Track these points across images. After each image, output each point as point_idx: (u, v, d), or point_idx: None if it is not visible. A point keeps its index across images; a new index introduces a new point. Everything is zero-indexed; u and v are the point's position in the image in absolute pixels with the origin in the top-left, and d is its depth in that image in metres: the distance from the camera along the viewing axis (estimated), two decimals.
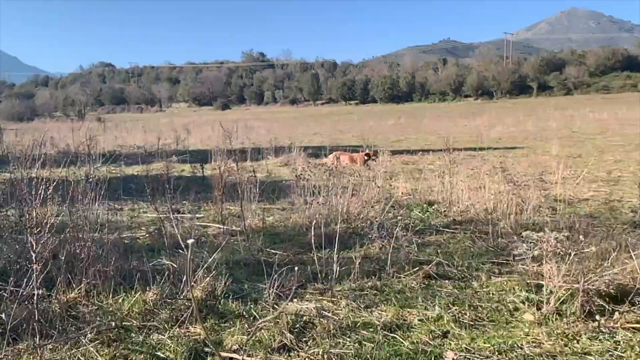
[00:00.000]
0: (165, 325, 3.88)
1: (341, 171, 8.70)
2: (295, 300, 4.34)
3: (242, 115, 70.82)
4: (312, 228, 5.29)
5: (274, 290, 4.32)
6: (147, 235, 6.62)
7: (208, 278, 4.42)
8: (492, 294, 4.38)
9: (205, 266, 4.51)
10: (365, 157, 13.15)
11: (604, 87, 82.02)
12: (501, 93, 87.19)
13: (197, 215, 7.71)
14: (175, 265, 4.53)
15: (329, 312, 4.09)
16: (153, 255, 5.44)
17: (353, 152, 15.33)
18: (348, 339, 3.65)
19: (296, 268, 5.04)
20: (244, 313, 4.07)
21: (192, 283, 4.35)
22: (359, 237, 6.21)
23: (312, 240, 5.14)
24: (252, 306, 4.19)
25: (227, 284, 4.51)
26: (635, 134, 21.11)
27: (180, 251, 5.11)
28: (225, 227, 6.83)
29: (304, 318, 3.98)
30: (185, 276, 4.37)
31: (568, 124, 28.48)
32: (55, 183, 4.32)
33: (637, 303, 3.84)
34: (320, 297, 4.40)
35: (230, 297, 4.35)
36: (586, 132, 23.04)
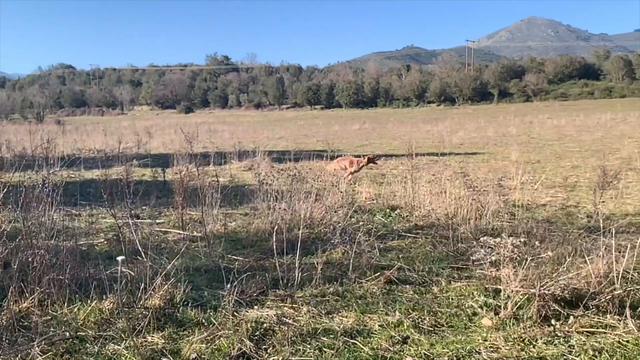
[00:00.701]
0: (122, 335, 3.78)
1: (304, 176, 8.65)
2: (255, 307, 4.30)
3: (205, 118, 70.13)
4: (274, 233, 5.26)
5: (234, 297, 4.26)
6: (104, 241, 6.47)
7: (167, 285, 4.33)
8: (452, 299, 4.43)
9: (164, 273, 4.42)
10: (366, 161, 12.60)
11: (562, 95, 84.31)
12: (463, 99, 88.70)
13: (158, 221, 7.58)
14: (132, 273, 4.42)
15: (289, 319, 4.06)
16: (111, 263, 5.31)
17: (318, 156, 15.36)
18: (308, 346, 3.63)
19: (257, 274, 5.04)
20: (203, 321, 4.00)
21: (150, 291, 4.27)
22: (322, 242, 6.19)
23: (274, 246, 5.11)
24: (211, 314, 4.13)
25: (187, 291, 4.43)
26: (592, 140, 21.77)
27: (139, 258, 5.02)
28: (185, 232, 6.73)
29: (264, 325, 3.94)
30: (143, 284, 4.28)
31: (527, 130, 29.16)
32: (8, 187, 4.18)
33: (591, 307, 3.92)
34: (282, 304, 4.36)
35: (190, 304, 4.28)
36: (545, 138, 23.63)
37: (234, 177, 12.75)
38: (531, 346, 3.49)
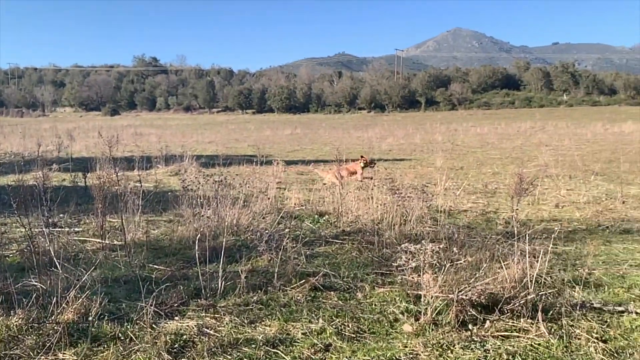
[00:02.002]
0: (31, 353, 3.57)
1: (230, 182, 8.54)
2: (176, 318, 4.18)
3: (132, 121, 68.12)
4: (197, 241, 5.14)
5: (153, 309, 4.11)
6: (16, 252, 6.11)
7: (81, 298, 4.13)
8: (375, 304, 4.47)
9: (78, 285, 4.21)
10: (363, 165, 12.04)
11: (485, 103, 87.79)
12: (392, 107, 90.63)
13: (76, 229, 7.25)
14: (44, 286, 4.19)
15: (211, 330, 3.97)
16: (22, 275, 5.01)
17: (248, 161, 15.25)
18: (229, 357, 3.55)
19: (179, 284, 4.90)
20: (120, 335, 3.83)
21: (64, 304, 4.05)
22: (248, 249, 6.12)
23: (197, 254, 4.99)
24: (128, 327, 3.96)
25: (103, 303, 4.24)
26: (512, 148, 22.77)
27: (55, 270, 4.77)
28: (105, 241, 6.47)
29: (184, 337, 3.83)
30: (55, 297, 4.07)
31: (452, 138, 30.15)
32: None
33: (506, 312, 4.06)
34: (203, 314, 4.26)
35: (106, 318, 4.09)
36: (468, 146, 24.49)
37: (160, 182, 12.40)
38: (449, 351, 3.57)
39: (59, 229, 7.04)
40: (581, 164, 15.55)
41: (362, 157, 12.41)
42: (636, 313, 4.13)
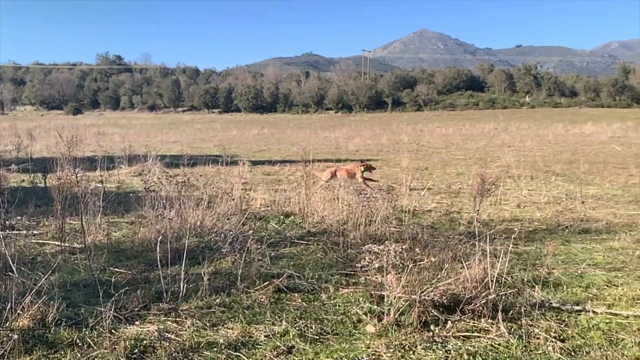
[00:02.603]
0: None
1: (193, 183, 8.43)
2: (136, 322, 4.09)
3: (95, 120, 66.82)
4: (159, 243, 5.05)
5: (113, 313, 4.02)
6: None
7: (38, 304, 4.00)
8: (339, 305, 4.47)
9: (35, 290, 4.09)
10: (363, 169, 11.50)
11: (450, 105, 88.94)
12: (360, 107, 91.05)
13: (34, 232, 7.04)
14: None
15: (172, 334, 3.90)
16: None
17: (214, 162, 15.08)
18: None
19: (140, 287, 4.81)
20: (78, 341, 3.73)
21: (19, 311, 3.93)
22: (212, 251, 6.05)
23: (159, 257, 4.91)
24: (87, 333, 3.86)
25: (61, 309, 4.13)
26: (476, 149, 23.13)
27: (10, 274, 4.63)
28: (64, 244, 6.30)
29: (144, 342, 3.75)
30: (10, 303, 3.94)
31: (418, 138, 30.46)
32: None
33: (467, 312, 4.11)
34: (165, 318, 4.19)
35: (64, 323, 3.98)
36: (433, 146, 24.78)
37: (123, 182, 12.19)
38: (411, 352, 3.59)
39: (16, 232, 6.84)
40: (542, 164, 15.90)
41: (361, 162, 12.38)
42: (593, 312, 4.23)
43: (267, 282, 4.90)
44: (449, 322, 3.98)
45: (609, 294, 4.73)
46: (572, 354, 3.55)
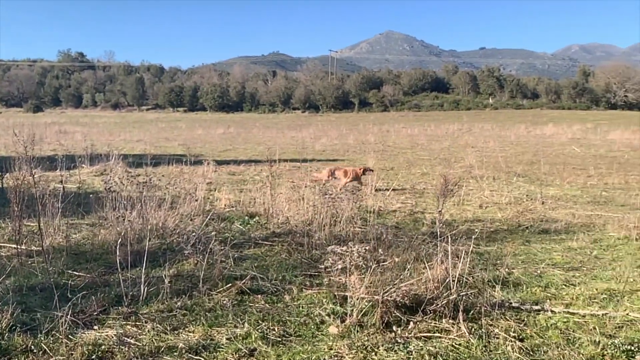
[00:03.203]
0: None
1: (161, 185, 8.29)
2: (95, 327, 3.99)
3: (56, 118, 65.13)
4: (120, 245, 4.95)
5: (70, 318, 3.92)
6: None
7: None
8: (302, 307, 4.45)
9: None
10: (361, 172, 11.88)
11: (416, 106, 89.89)
12: (327, 107, 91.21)
13: None
14: None
15: (131, 338, 3.82)
16: None
17: (178, 161, 14.88)
18: None
19: (100, 291, 4.70)
20: (32, 347, 3.62)
21: None
22: (174, 253, 5.96)
23: (119, 259, 4.80)
24: (42, 339, 3.74)
25: (15, 314, 4.00)
26: (440, 149, 23.42)
27: None
28: (21, 247, 6.10)
29: (103, 347, 3.66)
30: None
31: (384, 139, 30.68)
32: None
33: (429, 312, 4.14)
34: (124, 322, 4.10)
35: (18, 329, 3.86)
36: (399, 147, 24.99)
37: (84, 183, 11.91)
38: (373, 353, 3.60)
39: None
40: (505, 165, 16.18)
41: (361, 167, 12.39)
42: (551, 311, 4.31)
43: (230, 284, 4.85)
44: (411, 322, 4.01)
45: (567, 293, 4.84)
46: (531, 353, 3.61)
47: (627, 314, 4.23)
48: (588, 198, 10.48)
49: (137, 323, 4.08)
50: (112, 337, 3.80)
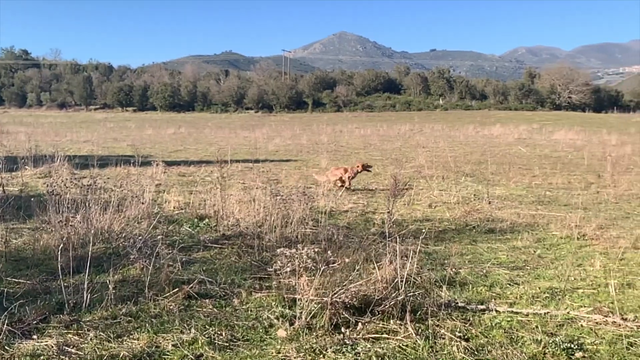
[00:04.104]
0: None
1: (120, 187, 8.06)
2: (34, 337, 3.84)
3: None
4: (63, 250, 4.78)
5: (8, 328, 3.75)
6: None
7: None
8: (251, 311, 4.41)
9: None
10: (359, 170, 12.02)
11: (369, 106, 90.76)
12: (280, 107, 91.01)
13: None
14: None
15: (73, 348, 3.69)
16: None
17: (126, 162, 14.53)
18: None
19: (40, 298, 4.53)
20: None
21: None
22: (119, 257, 5.80)
23: (62, 265, 4.64)
24: None
25: None
26: (392, 149, 23.71)
27: None
28: None
29: (42, 358, 3.53)
30: None
31: (337, 139, 30.82)
32: None
33: (378, 313, 4.16)
34: (66, 331, 3.95)
35: None
36: (352, 147, 25.16)
37: (27, 185, 11.47)
38: (321, 356, 3.59)
39: None
40: (454, 165, 16.52)
41: (358, 164, 12.41)
42: (496, 311, 4.41)
43: (177, 289, 4.76)
44: (360, 324, 4.03)
45: (511, 292, 4.96)
46: (476, 353, 3.68)
47: (568, 312, 4.38)
48: (533, 198, 10.81)
49: (79, 331, 3.95)
50: (52, 347, 3.67)
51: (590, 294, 4.90)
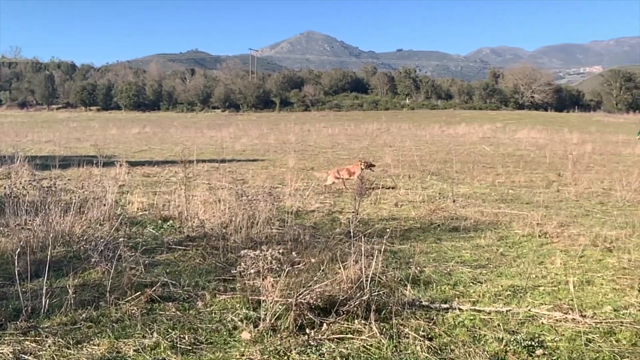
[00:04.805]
0: None
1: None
2: None
3: None
4: (21, 254, 4.65)
5: None
6: None
7: None
8: (215, 313, 4.35)
9: None
10: (363, 167, 12.25)
11: (336, 105, 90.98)
12: (247, 106, 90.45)
13: None
14: None
15: (30, 355, 3.59)
16: None
17: (89, 163, 14.23)
18: None
19: None
20: None
21: None
22: (80, 261, 5.67)
23: (17, 270, 4.51)
24: None
25: None
26: (360, 148, 23.81)
27: None
28: None
29: None
30: None
31: (305, 138, 30.81)
32: None
33: (342, 313, 4.16)
34: (23, 338, 3.84)
35: None
36: (320, 146, 25.17)
37: None
38: (285, 357, 3.57)
39: None
40: (420, 164, 16.68)
41: (360, 161, 12.65)
42: (459, 309, 4.45)
43: (140, 292, 4.67)
44: (324, 324, 4.02)
45: (474, 290, 5.02)
46: (439, 352, 3.71)
47: (529, 310, 4.45)
48: (496, 196, 10.99)
49: (37, 338, 3.84)
50: (8, 355, 3.56)
51: (551, 292, 4.99)
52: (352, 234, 5.99)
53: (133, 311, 4.36)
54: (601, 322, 4.21)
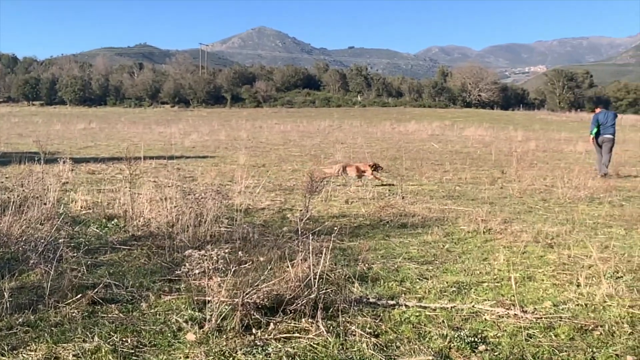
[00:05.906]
0: None
1: None
2: None
3: None
4: None
5: None
6: None
7: None
8: (159, 315, 4.25)
9: None
10: (371, 168, 12.59)
11: (289, 102, 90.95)
12: (197, 102, 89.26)
13: None
14: None
15: None
16: None
17: (31, 159, 13.69)
18: None
19: None
20: None
21: None
22: (19, 263, 5.44)
23: None
24: None
25: None
26: (312, 145, 23.85)
27: None
28: None
29: None
30: None
31: (256, 135, 30.63)
32: None
33: (290, 312, 4.13)
34: None
35: None
36: (271, 143, 25.08)
37: None
38: (231, 358, 3.52)
39: None
40: (371, 160, 16.81)
41: (368, 164, 12.95)
42: (405, 306, 4.50)
43: (81, 295, 4.51)
44: (271, 324, 3.98)
45: (421, 287, 5.08)
46: (385, 349, 3.73)
47: (473, 306, 4.53)
48: (443, 192, 11.19)
49: None
50: None
51: (494, 288, 5.11)
52: (299, 231, 5.96)
53: (73, 314, 4.21)
54: (541, 318, 4.33)
